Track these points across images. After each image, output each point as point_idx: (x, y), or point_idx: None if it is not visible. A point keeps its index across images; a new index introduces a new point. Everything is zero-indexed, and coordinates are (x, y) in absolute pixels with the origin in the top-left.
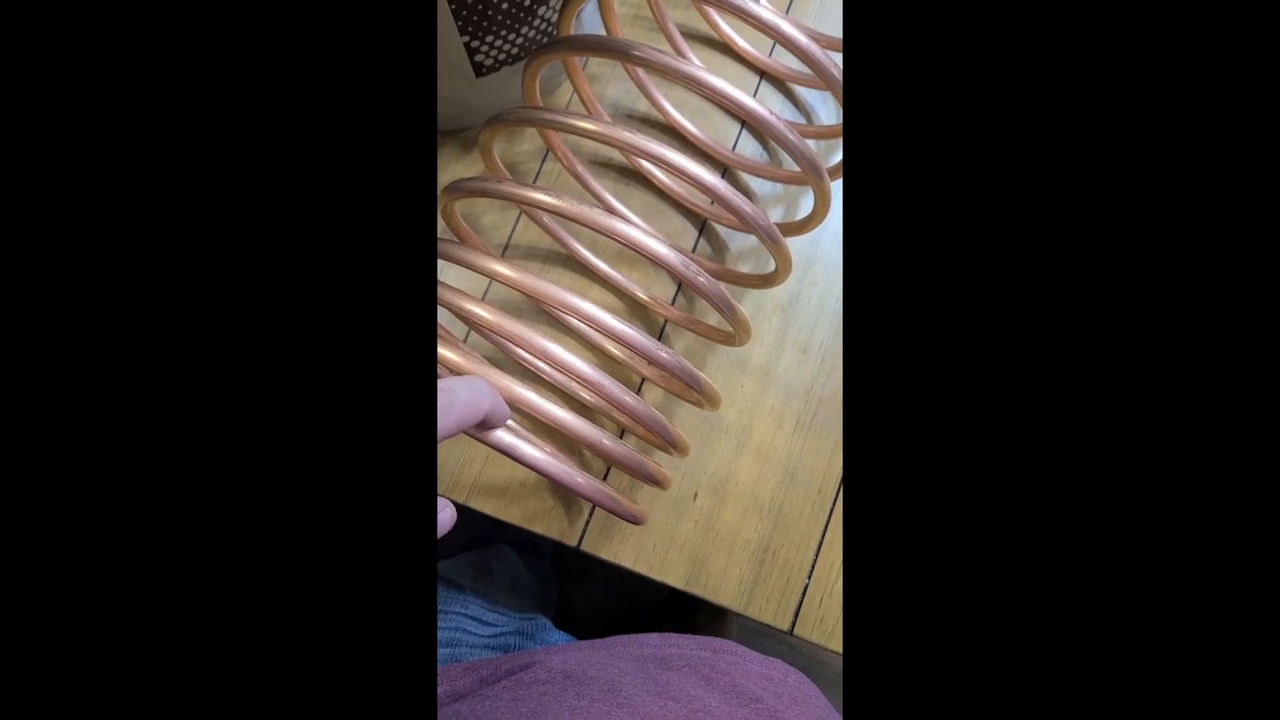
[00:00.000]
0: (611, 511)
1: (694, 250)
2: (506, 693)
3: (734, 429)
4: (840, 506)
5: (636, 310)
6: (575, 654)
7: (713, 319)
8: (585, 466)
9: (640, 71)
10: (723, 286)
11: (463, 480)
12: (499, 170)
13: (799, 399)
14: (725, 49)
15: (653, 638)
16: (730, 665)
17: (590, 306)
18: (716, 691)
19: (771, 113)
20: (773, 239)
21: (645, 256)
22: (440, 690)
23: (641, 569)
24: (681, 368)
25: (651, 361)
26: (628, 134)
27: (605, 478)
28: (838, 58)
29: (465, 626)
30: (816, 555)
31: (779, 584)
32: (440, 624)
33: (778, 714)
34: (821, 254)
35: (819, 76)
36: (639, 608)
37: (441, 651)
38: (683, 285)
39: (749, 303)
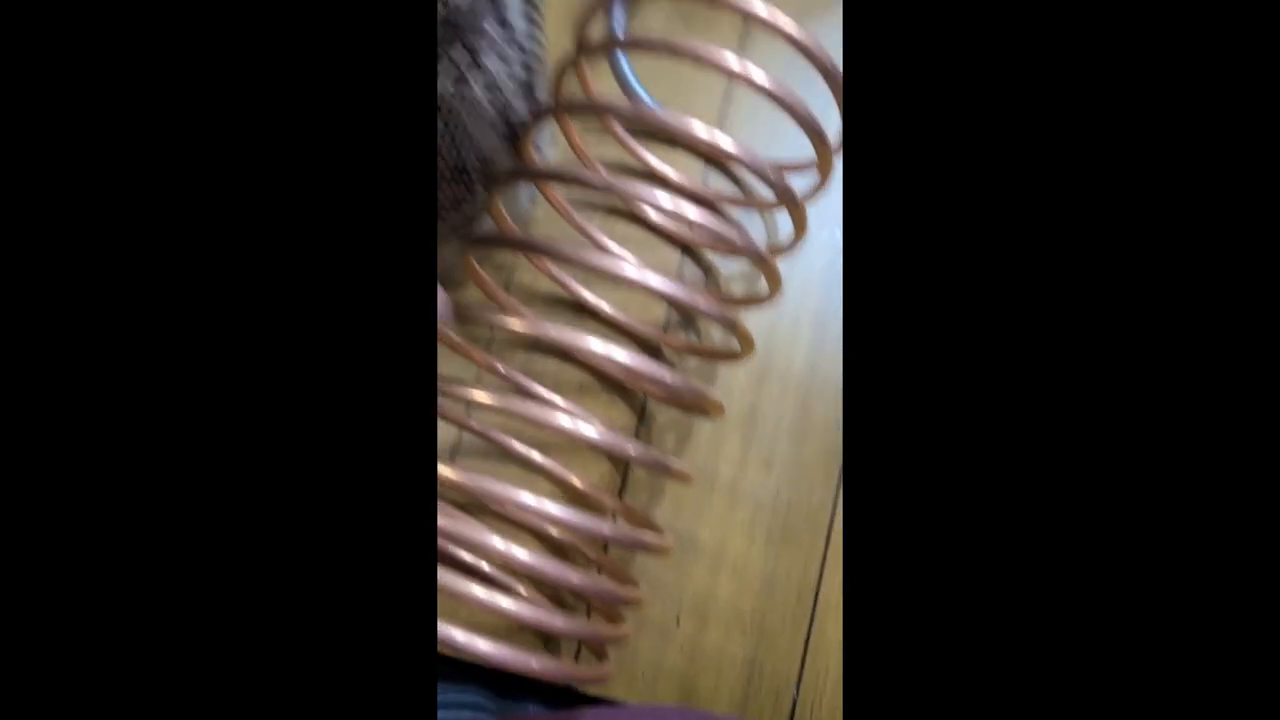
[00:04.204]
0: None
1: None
2: None
3: (708, 548)
4: (819, 612)
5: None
6: None
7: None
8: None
9: (621, 131)
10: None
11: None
12: (488, 287)
13: (767, 510)
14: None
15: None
16: None
17: (565, 420)
18: None
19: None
20: (731, 324)
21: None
22: None
23: (633, 700)
24: (655, 461)
25: (630, 459)
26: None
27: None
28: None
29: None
30: (803, 665)
31: (769, 699)
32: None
33: None
34: (775, 366)
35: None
36: None
37: None
38: (664, 348)
39: (720, 386)
